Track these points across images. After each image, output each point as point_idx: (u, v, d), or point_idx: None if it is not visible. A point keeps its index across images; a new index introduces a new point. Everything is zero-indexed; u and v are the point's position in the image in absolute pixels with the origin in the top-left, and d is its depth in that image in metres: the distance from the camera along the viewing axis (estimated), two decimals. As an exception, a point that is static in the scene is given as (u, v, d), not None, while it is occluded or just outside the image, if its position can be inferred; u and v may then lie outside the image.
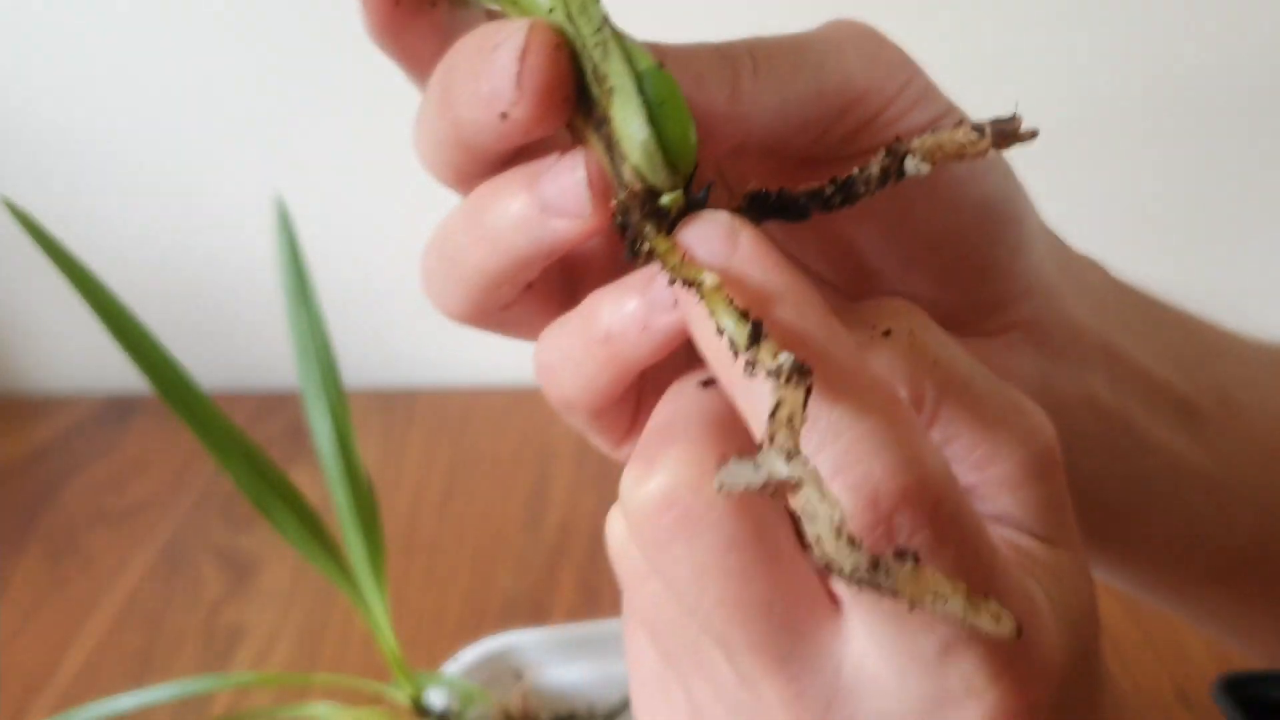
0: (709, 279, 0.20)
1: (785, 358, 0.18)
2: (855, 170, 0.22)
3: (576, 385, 0.23)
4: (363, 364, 0.98)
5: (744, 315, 0.19)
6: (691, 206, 0.22)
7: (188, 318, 0.96)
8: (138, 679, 0.62)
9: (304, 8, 0.85)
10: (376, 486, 0.80)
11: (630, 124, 0.21)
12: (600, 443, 0.26)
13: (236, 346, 0.97)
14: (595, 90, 0.21)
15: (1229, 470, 0.32)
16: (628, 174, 0.21)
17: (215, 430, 0.35)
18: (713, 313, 0.20)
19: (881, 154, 0.22)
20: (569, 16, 0.22)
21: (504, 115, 0.21)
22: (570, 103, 0.21)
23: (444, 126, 0.23)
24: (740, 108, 0.23)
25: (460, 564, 0.72)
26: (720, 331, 0.20)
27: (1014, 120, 0.22)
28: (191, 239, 0.93)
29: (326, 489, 0.40)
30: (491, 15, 0.23)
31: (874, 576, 0.17)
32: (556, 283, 0.25)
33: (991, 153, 0.23)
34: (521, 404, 0.94)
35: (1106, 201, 0.92)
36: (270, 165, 0.90)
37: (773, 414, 0.18)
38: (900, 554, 0.18)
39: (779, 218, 0.23)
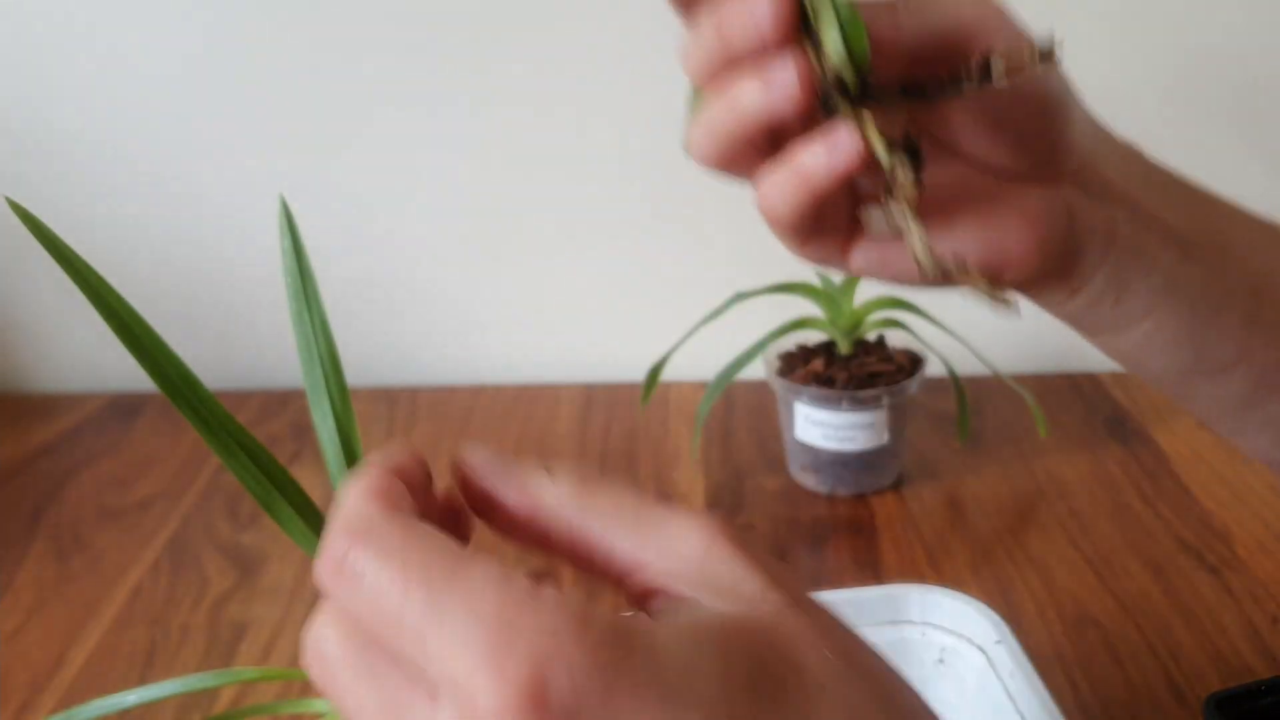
0: (892, 158, 0.33)
1: (901, 156, 0.33)
2: (961, 69, 0.34)
3: (786, 207, 0.36)
4: (365, 361, 0.99)
5: (890, 141, 0.33)
6: (865, 89, 0.34)
7: (192, 317, 0.96)
8: (142, 675, 0.63)
9: (309, 7, 0.85)
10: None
11: (830, 37, 0.33)
12: (814, 255, 0.40)
13: (240, 346, 0.98)
14: (810, 17, 0.33)
15: (1215, 284, 0.43)
16: (829, 68, 0.33)
17: (220, 428, 0.36)
18: (872, 140, 0.33)
19: (976, 61, 0.34)
20: None
21: (759, 30, 0.33)
22: (796, 22, 0.33)
23: (715, 42, 0.35)
24: (897, 34, 0.35)
25: (462, 561, 0.72)
26: (873, 149, 0.33)
27: (1050, 46, 0.35)
28: (195, 238, 0.93)
29: (329, 486, 0.40)
30: None
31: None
32: (768, 146, 0.37)
33: (1041, 65, 0.36)
34: (522, 401, 0.94)
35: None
36: (274, 165, 0.91)
37: (894, 178, 0.34)
38: None
39: (918, 98, 0.35)
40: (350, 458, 0.39)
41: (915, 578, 0.69)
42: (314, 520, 0.39)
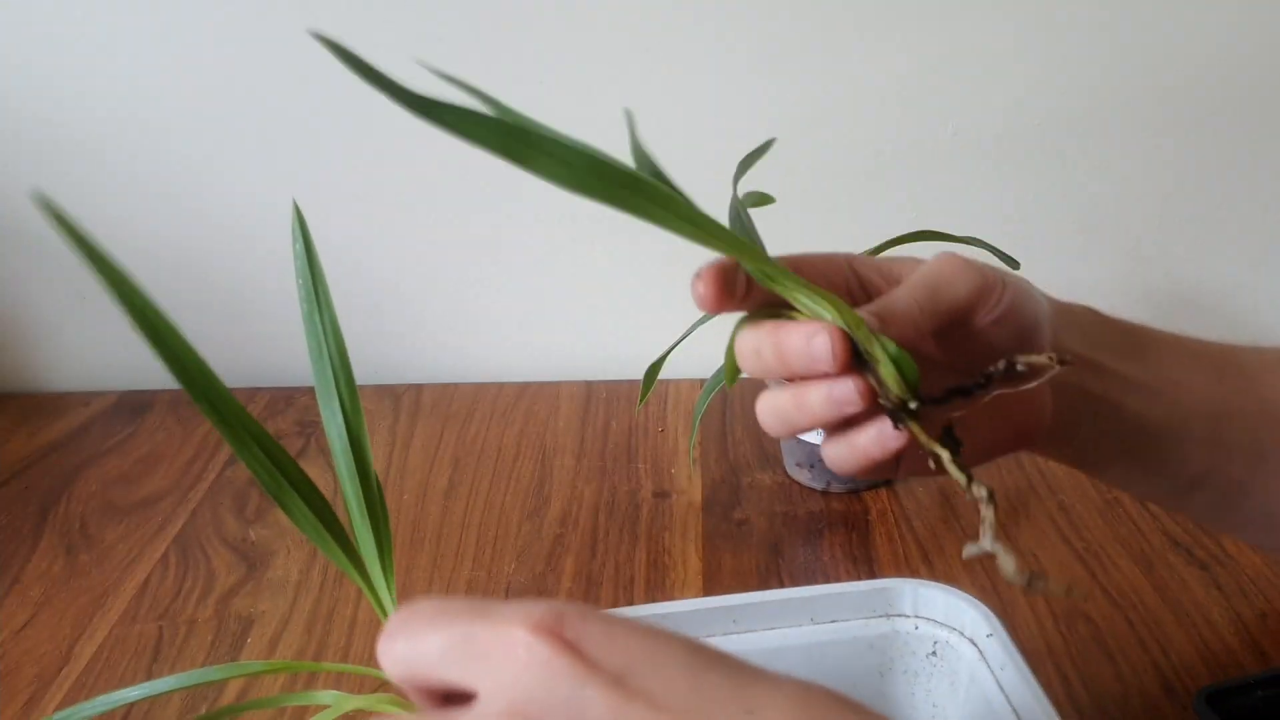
0: (940, 449, 0.39)
1: (980, 488, 0.38)
2: (989, 370, 0.40)
3: (849, 466, 0.42)
4: (369, 359, 0.99)
5: (962, 469, 0.39)
6: (921, 403, 0.39)
7: (201, 314, 0.97)
8: (149, 668, 0.63)
9: (317, 13, 0.85)
10: (384, 478, 0.82)
11: (888, 373, 0.39)
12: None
13: (248, 343, 0.98)
14: (865, 354, 0.39)
15: (1175, 418, 0.48)
16: (890, 393, 0.39)
17: (235, 422, 0.37)
18: (921, 438, 0.39)
19: (1003, 363, 0.40)
20: (846, 325, 0.39)
21: (822, 368, 0.39)
22: (851, 357, 0.39)
23: (775, 360, 0.41)
24: (922, 331, 0.42)
25: (464, 554, 0.73)
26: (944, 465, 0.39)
27: (1065, 357, 0.39)
28: (204, 236, 0.94)
29: (336, 481, 0.41)
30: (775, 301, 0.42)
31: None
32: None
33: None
34: (523, 399, 0.95)
35: (1110, 199, 0.93)
36: (279, 166, 0.91)
37: (984, 518, 0.38)
38: None
39: (962, 396, 0.40)
40: (358, 456, 0.40)
41: (909, 572, 0.70)
42: (321, 511, 0.40)
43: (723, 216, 0.48)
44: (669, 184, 0.41)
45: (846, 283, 0.47)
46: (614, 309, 0.97)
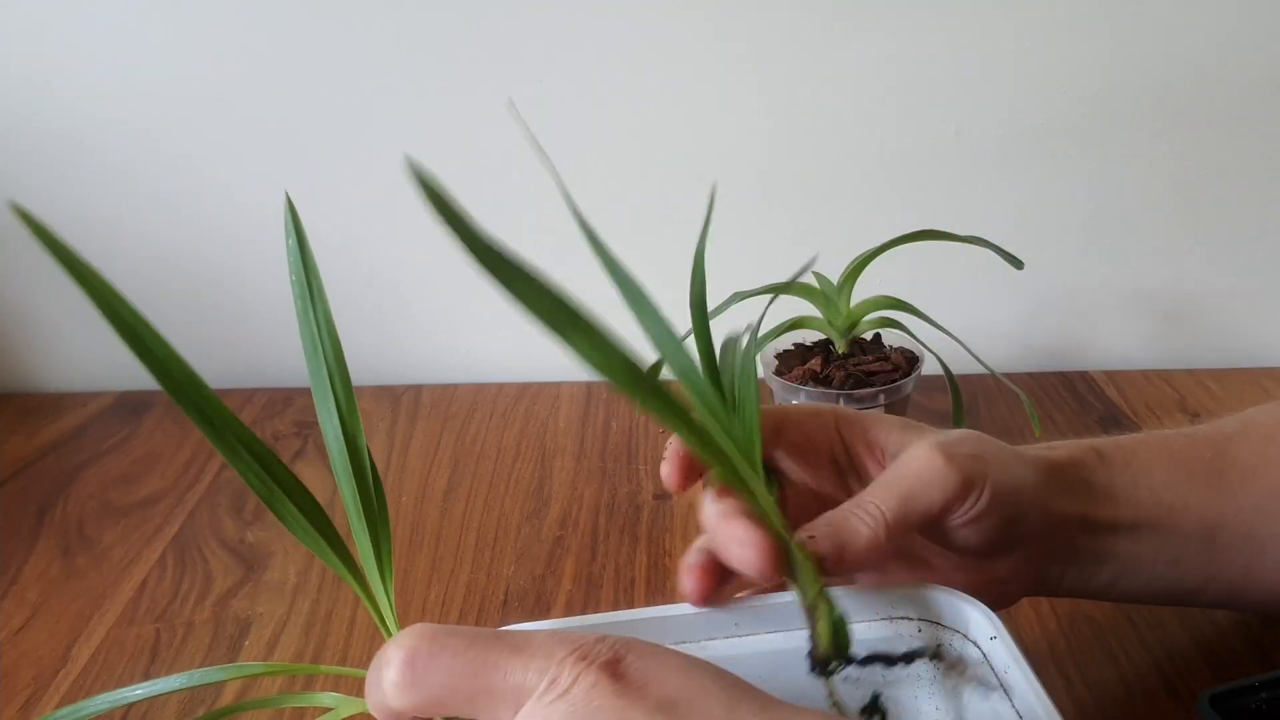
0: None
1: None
2: (919, 648, 0.45)
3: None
4: (368, 359, 0.99)
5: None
6: (845, 664, 0.41)
7: (197, 315, 0.97)
8: (147, 670, 0.63)
9: (313, 10, 0.85)
10: (383, 478, 0.81)
11: (824, 629, 0.40)
12: None
13: (245, 344, 0.98)
14: (806, 598, 0.41)
15: (1166, 544, 0.50)
16: (817, 648, 0.40)
17: (223, 428, 0.36)
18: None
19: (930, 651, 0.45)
20: (798, 567, 0.41)
21: (747, 568, 0.40)
22: (779, 564, 0.40)
23: (708, 542, 0.43)
24: (883, 551, 0.43)
25: (463, 555, 0.73)
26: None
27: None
28: (199, 236, 0.94)
29: (333, 483, 0.41)
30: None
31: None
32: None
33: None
34: (524, 398, 0.95)
35: (1113, 199, 0.93)
36: (276, 164, 0.91)
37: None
38: None
39: (883, 664, 0.44)
40: (354, 457, 0.40)
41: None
42: (317, 518, 0.40)
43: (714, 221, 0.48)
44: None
45: (830, 446, 0.49)
46: (614, 309, 0.97)
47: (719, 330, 0.48)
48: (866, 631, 0.51)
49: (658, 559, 0.71)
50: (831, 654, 0.41)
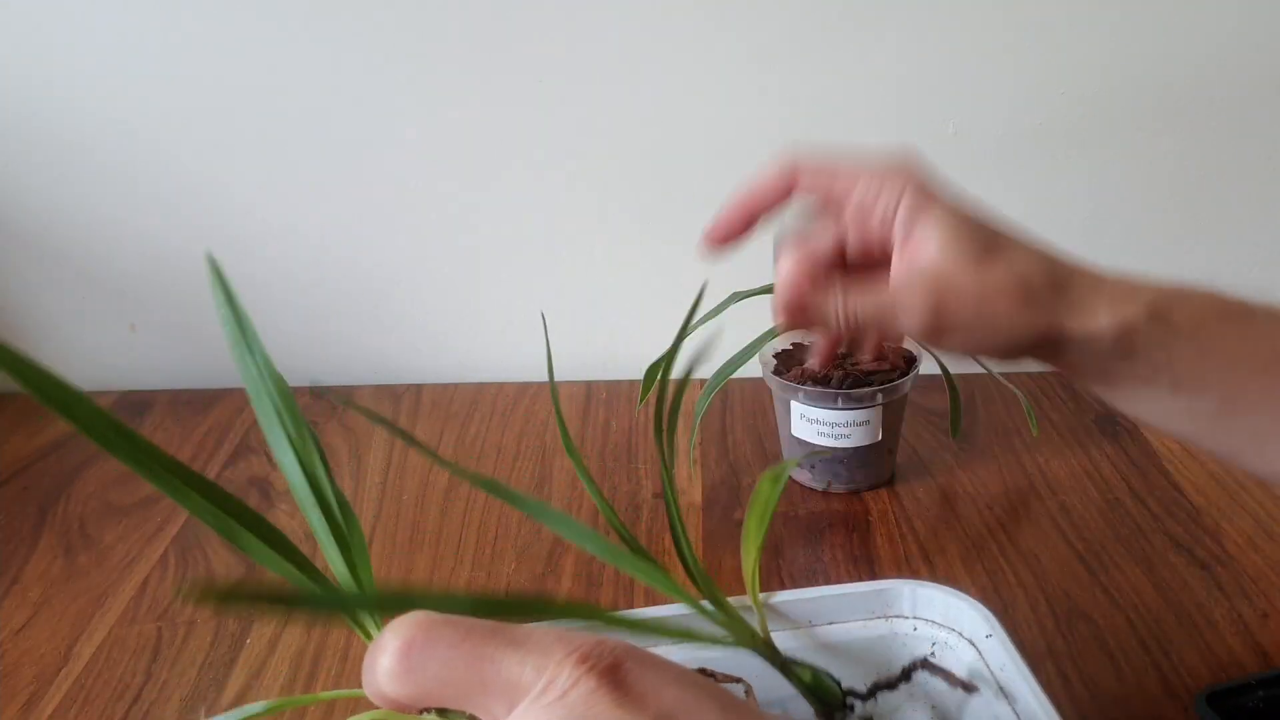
0: None
1: None
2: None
3: None
4: (370, 360, 0.99)
5: None
6: (848, 707, 0.45)
7: (188, 319, 0.97)
8: (148, 669, 0.63)
9: (311, 13, 0.85)
10: (383, 478, 0.82)
11: (807, 693, 0.43)
12: None
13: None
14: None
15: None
16: (812, 704, 0.44)
17: (170, 475, 0.36)
18: None
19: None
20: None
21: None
22: None
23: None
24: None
25: (464, 554, 0.73)
26: None
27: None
28: (193, 240, 0.94)
29: (336, 480, 0.41)
30: None
31: None
32: None
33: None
34: (523, 399, 0.95)
35: (1114, 199, 0.93)
36: (275, 166, 0.91)
37: None
38: None
39: None
40: (315, 486, 0.40)
41: (909, 573, 0.70)
42: (289, 554, 0.39)
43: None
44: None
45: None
46: (614, 309, 0.97)
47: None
48: (863, 630, 0.51)
49: (657, 558, 0.72)
50: (826, 708, 0.43)
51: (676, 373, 0.43)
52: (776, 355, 0.81)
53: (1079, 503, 0.77)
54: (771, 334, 0.79)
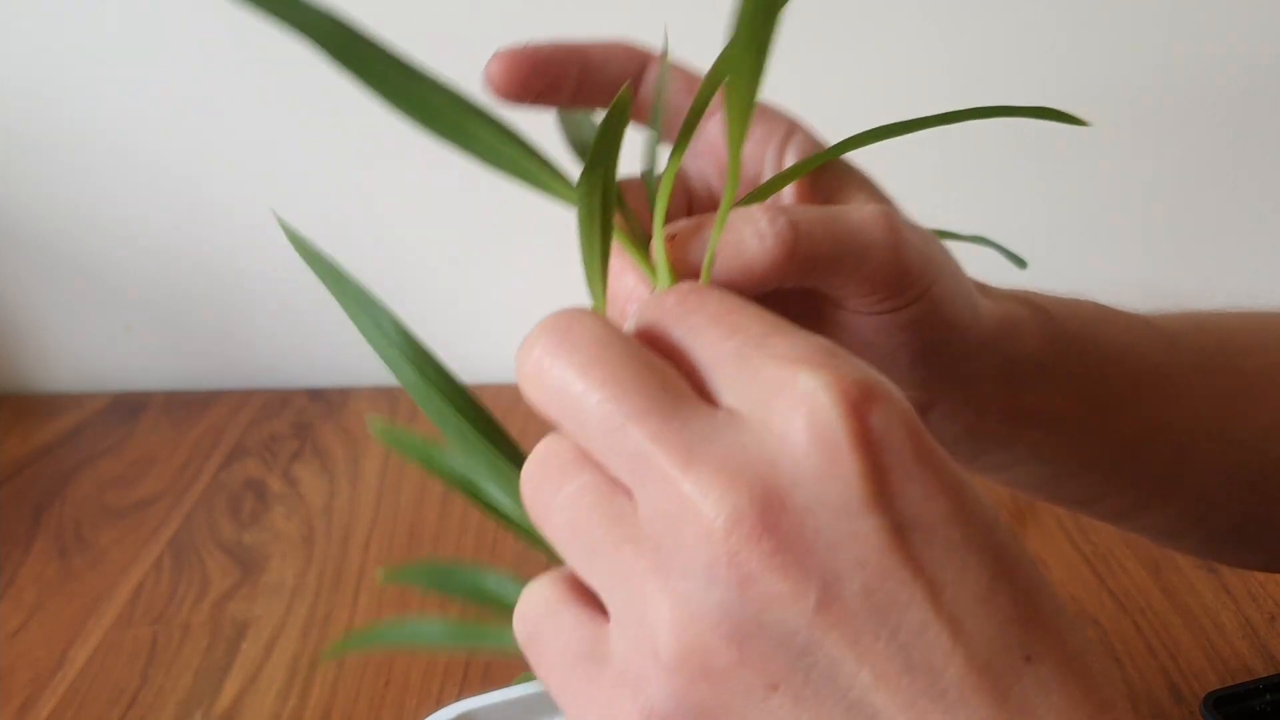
0: None
1: None
2: None
3: None
4: (366, 361, 0.99)
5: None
6: None
7: (193, 316, 0.97)
8: (144, 673, 0.63)
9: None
10: (379, 482, 0.81)
11: None
12: None
13: (241, 345, 0.98)
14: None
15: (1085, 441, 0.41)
16: None
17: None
18: None
19: None
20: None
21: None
22: None
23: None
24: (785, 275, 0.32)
25: (463, 556, 0.72)
26: None
27: None
28: (195, 237, 0.93)
29: (333, 485, 0.40)
30: None
31: None
32: None
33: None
34: (522, 400, 0.94)
35: (1118, 199, 0.92)
36: (273, 164, 0.91)
37: None
38: None
39: None
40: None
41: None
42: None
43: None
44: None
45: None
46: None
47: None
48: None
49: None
50: None
51: None
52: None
53: (1084, 505, 0.76)
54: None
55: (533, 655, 0.27)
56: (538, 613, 0.27)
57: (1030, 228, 0.93)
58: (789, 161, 0.38)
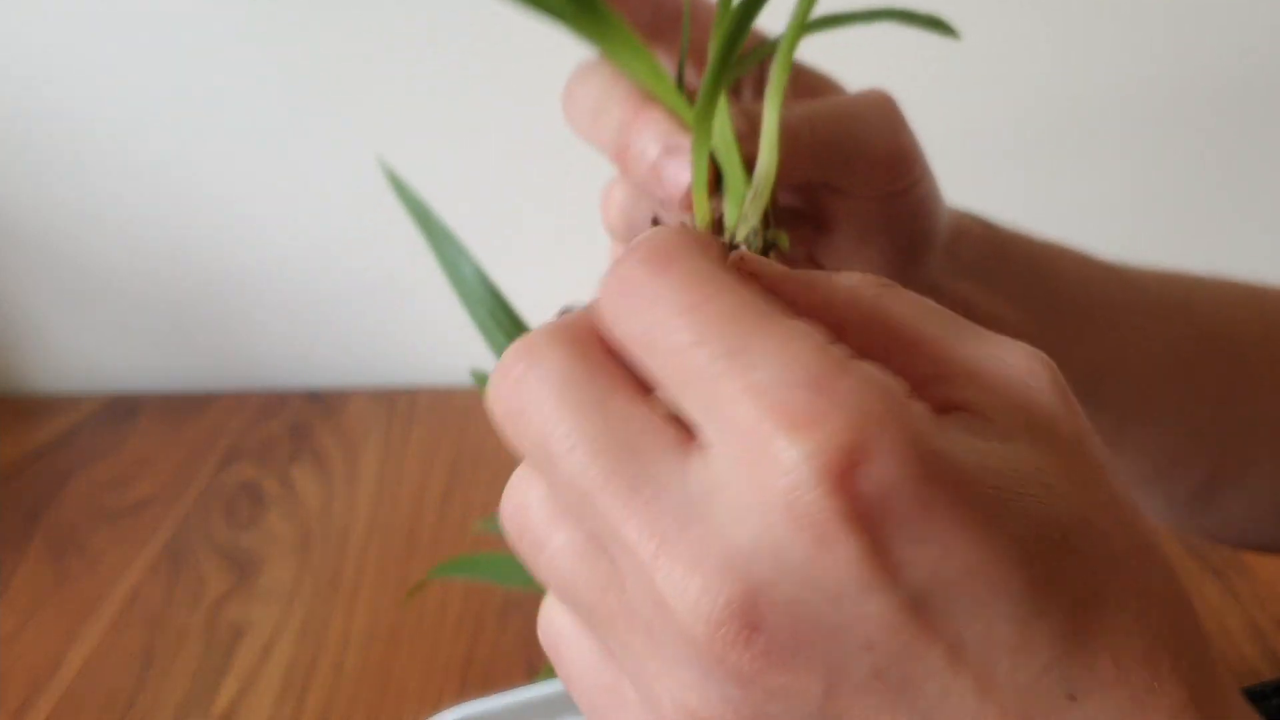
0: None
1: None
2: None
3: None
4: (364, 362, 0.98)
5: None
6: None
7: (191, 316, 0.96)
8: (140, 676, 0.62)
9: (302, 15, 0.85)
10: (377, 486, 0.81)
11: (744, 230, 0.33)
12: None
13: (239, 346, 0.97)
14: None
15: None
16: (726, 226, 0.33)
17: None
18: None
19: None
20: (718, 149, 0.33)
21: (658, 192, 0.35)
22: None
23: (609, 145, 0.38)
24: (800, 162, 0.35)
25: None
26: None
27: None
28: (194, 236, 0.93)
29: (331, 489, 0.40)
30: None
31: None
32: None
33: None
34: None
35: (1119, 199, 0.92)
36: (273, 162, 0.91)
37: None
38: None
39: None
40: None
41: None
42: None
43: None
44: None
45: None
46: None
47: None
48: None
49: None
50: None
51: None
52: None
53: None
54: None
55: (558, 668, 0.26)
56: (556, 632, 0.26)
57: (1036, 228, 0.92)
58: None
